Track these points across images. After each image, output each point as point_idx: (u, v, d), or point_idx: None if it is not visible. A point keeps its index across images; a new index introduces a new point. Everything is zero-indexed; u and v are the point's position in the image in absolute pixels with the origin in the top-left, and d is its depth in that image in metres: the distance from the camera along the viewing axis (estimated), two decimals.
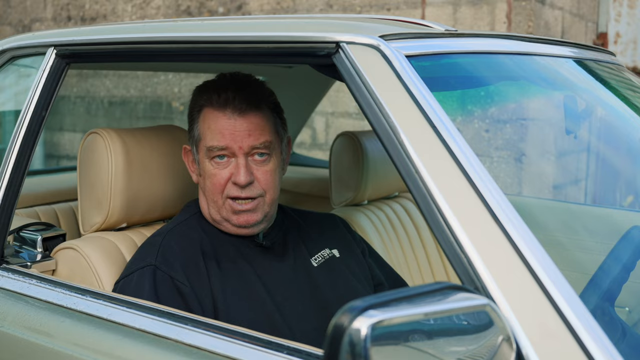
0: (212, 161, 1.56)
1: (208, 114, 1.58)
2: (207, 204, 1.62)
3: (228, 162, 1.56)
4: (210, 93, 1.59)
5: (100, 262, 1.58)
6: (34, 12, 5.62)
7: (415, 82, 1.14)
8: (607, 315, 1.30)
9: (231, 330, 1.18)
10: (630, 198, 3.42)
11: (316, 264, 1.66)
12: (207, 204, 1.62)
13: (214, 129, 1.56)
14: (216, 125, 1.55)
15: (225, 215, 1.58)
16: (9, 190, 1.57)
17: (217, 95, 1.56)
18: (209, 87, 1.61)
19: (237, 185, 1.54)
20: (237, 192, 1.55)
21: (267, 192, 1.58)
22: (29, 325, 1.40)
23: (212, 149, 1.55)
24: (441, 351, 0.92)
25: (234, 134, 1.54)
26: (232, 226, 1.59)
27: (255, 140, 1.55)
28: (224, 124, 1.55)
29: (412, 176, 1.07)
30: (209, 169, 1.57)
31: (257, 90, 1.61)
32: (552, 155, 3.90)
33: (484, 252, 0.99)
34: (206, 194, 1.60)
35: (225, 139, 1.54)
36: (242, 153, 1.55)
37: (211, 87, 1.60)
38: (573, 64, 1.68)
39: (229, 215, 1.57)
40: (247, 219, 1.56)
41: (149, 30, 1.54)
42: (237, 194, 1.55)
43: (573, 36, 4.32)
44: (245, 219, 1.56)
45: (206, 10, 4.75)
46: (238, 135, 1.54)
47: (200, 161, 1.60)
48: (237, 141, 1.54)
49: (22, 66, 1.81)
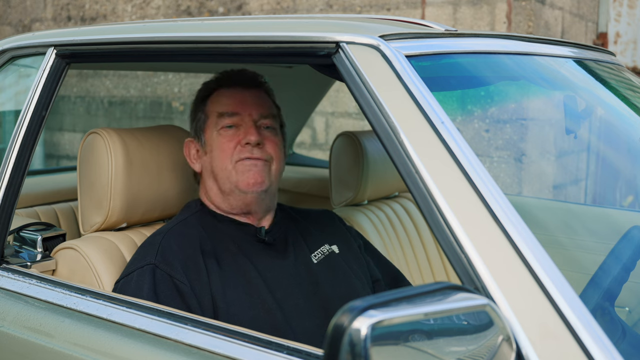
0: (221, 130, 1.64)
1: (217, 94, 1.69)
2: (214, 181, 1.65)
3: (236, 131, 1.63)
4: (217, 80, 1.72)
5: (100, 262, 1.58)
6: (34, 12, 5.62)
7: (415, 82, 1.14)
8: (607, 315, 1.30)
9: (231, 330, 1.18)
10: (630, 198, 3.42)
11: (316, 260, 1.67)
12: (214, 181, 1.65)
13: (224, 100, 1.67)
14: (227, 97, 1.67)
15: (234, 179, 1.61)
16: (9, 190, 1.57)
17: (225, 79, 1.71)
18: (215, 78, 1.74)
19: (248, 145, 1.61)
20: (248, 153, 1.61)
21: (274, 159, 1.64)
22: (29, 325, 1.40)
23: (223, 115, 1.63)
24: (441, 351, 0.92)
25: (243, 103, 1.65)
26: (239, 194, 1.61)
27: (263, 109, 1.66)
28: (235, 95, 1.67)
29: (412, 176, 1.07)
30: (217, 139, 1.64)
31: (256, 76, 1.75)
32: (552, 155, 3.90)
33: (484, 252, 0.99)
34: (214, 166, 1.64)
35: (236, 106, 1.65)
36: (251, 119, 1.63)
37: (217, 77, 1.73)
38: (573, 64, 1.68)
39: (239, 178, 1.60)
40: (255, 177, 1.60)
41: (149, 30, 1.54)
42: (247, 155, 1.60)
43: (573, 36, 4.32)
44: (253, 176, 1.60)
45: (206, 10, 4.75)
46: (247, 103, 1.65)
47: (207, 138, 1.66)
48: (247, 109, 1.64)
49: (22, 66, 1.81)
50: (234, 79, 1.70)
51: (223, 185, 1.63)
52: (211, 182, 1.66)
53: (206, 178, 1.68)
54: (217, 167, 1.63)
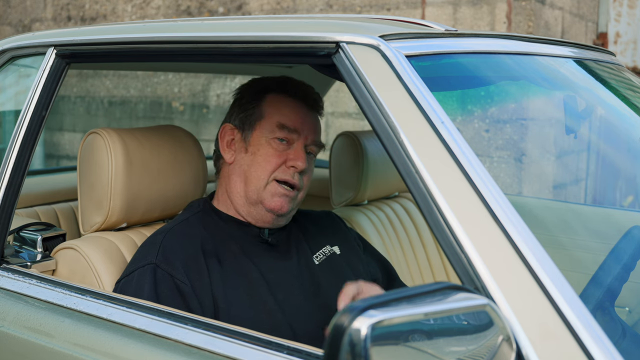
0: (272, 140, 1.60)
1: (280, 98, 1.65)
2: (243, 183, 1.62)
3: (287, 148, 1.61)
4: (282, 84, 1.67)
5: (100, 262, 1.58)
6: (34, 12, 5.62)
7: (415, 82, 1.14)
8: (607, 315, 1.30)
9: (231, 330, 1.18)
10: (630, 198, 3.42)
11: (317, 261, 1.67)
12: (243, 183, 1.62)
13: (287, 112, 1.62)
14: (291, 109, 1.63)
15: (262, 195, 1.59)
16: (9, 190, 1.57)
17: (292, 86, 1.66)
18: (279, 78, 1.69)
19: (293, 168, 1.59)
20: (289, 177, 1.59)
21: (303, 189, 1.63)
22: (29, 325, 1.40)
23: (282, 128, 1.60)
24: (441, 351, 0.92)
25: (305, 122, 1.62)
26: (262, 209, 1.60)
27: (317, 136, 1.65)
28: (299, 111, 1.63)
29: (412, 176, 1.07)
30: (266, 148, 1.60)
31: (320, 100, 1.71)
32: (552, 155, 3.90)
33: (484, 252, 0.99)
34: (251, 170, 1.61)
35: (299, 123, 1.61)
36: (304, 143, 1.61)
37: (283, 80, 1.69)
38: (573, 64, 1.68)
39: (266, 197, 1.59)
40: (282, 204, 1.59)
41: (149, 30, 1.54)
42: (288, 178, 1.59)
43: (573, 36, 4.32)
44: (280, 203, 1.59)
45: (206, 10, 4.75)
46: (307, 125, 1.62)
47: (254, 137, 1.62)
48: (306, 130, 1.62)
49: (22, 66, 1.81)
50: (300, 92, 1.66)
51: (249, 193, 1.61)
52: (239, 182, 1.63)
53: (235, 174, 1.64)
54: (252, 173, 1.60)
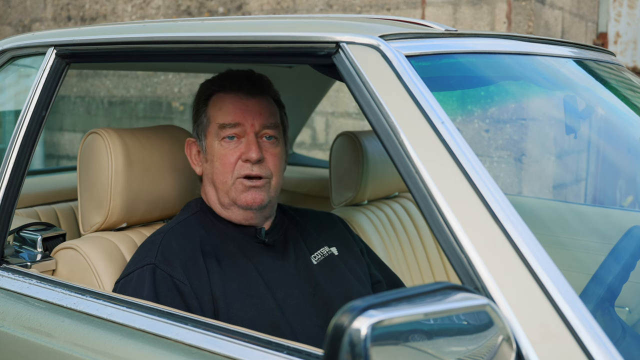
0: (222, 141, 1.60)
1: (219, 98, 1.63)
2: (214, 190, 1.63)
3: (238, 143, 1.59)
4: (220, 81, 1.65)
5: (100, 262, 1.58)
6: (34, 12, 5.62)
7: (415, 82, 1.14)
8: (607, 315, 1.30)
9: (231, 330, 1.18)
10: (630, 198, 3.43)
11: (316, 261, 1.66)
12: (214, 190, 1.63)
13: (226, 109, 1.61)
14: (228, 105, 1.61)
15: (233, 196, 1.59)
16: (9, 190, 1.57)
17: (228, 81, 1.63)
18: (218, 77, 1.67)
19: (248, 162, 1.57)
20: (248, 170, 1.58)
21: (274, 175, 1.61)
22: (29, 325, 1.40)
23: (224, 127, 1.59)
24: (441, 351, 0.92)
25: (245, 112, 1.59)
26: (238, 209, 1.61)
27: (265, 119, 1.60)
28: (237, 103, 1.60)
29: (412, 176, 1.07)
30: (219, 150, 1.60)
31: (262, 80, 1.67)
32: (552, 155, 3.90)
33: (484, 252, 0.99)
34: (215, 177, 1.62)
35: (238, 116, 1.59)
36: (253, 131, 1.59)
37: (220, 77, 1.66)
38: (573, 64, 1.68)
39: (238, 195, 1.59)
40: (254, 197, 1.58)
41: (149, 30, 1.54)
42: (248, 172, 1.58)
43: (573, 36, 4.32)
44: (252, 196, 1.58)
45: (206, 10, 4.75)
46: (249, 113, 1.59)
47: (208, 146, 1.63)
48: (249, 119, 1.59)
49: (22, 66, 1.81)
50: (236, 83, 1.63)
51: (222, 198, 1.62)
52: (212, 191, 1.65)
53: (207, 184, 1.66)
54: (217, 179, 1.61)
